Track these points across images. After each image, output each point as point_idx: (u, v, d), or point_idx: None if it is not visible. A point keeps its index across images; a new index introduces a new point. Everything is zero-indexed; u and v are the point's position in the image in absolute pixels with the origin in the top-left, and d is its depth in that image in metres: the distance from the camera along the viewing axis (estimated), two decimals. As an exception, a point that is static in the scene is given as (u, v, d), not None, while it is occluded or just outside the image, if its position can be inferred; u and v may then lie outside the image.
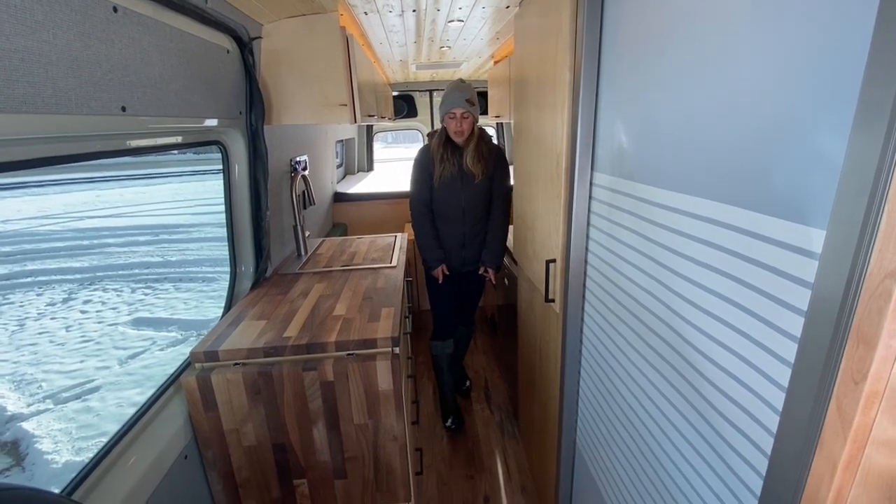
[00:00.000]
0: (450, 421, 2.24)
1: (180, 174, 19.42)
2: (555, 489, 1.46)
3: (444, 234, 2.08)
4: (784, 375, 0.51)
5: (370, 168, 4.43)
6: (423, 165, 2.01)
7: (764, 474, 0.55)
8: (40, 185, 16.33)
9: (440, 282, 2.10)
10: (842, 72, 0.42)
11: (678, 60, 0.69)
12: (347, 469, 1.25)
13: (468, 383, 2.59)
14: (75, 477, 0.88)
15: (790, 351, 0.50)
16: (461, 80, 1.94)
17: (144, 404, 1.11)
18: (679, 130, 0.70)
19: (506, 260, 2.18)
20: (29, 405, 3.85)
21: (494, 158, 2.00)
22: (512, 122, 2.17)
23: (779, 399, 0.52)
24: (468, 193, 1.99)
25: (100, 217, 11.67)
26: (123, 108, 0.88)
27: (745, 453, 0.59)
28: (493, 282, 2.18)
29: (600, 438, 1.12)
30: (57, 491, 0.84)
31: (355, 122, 1.64)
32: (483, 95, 3.65)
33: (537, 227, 1.46)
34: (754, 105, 0.54)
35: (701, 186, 0.65)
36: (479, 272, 2.14)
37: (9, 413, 3.74)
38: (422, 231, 2.07)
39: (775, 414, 0.52)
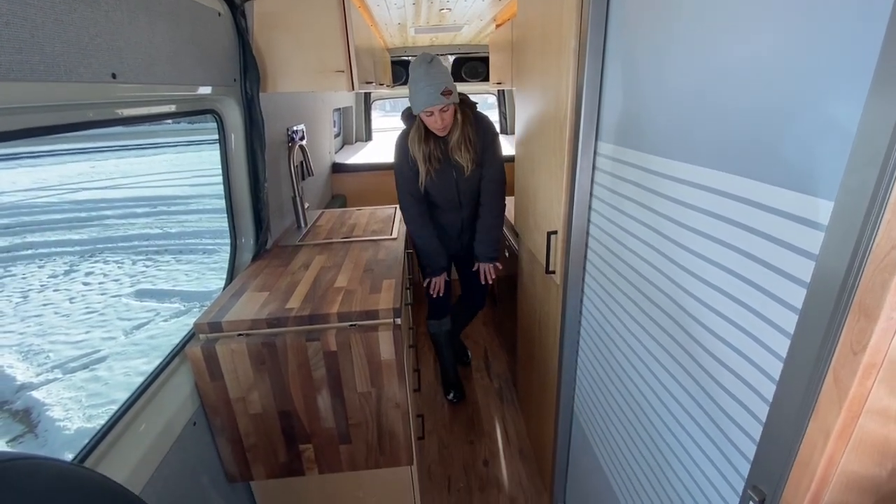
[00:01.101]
0: (451, 395, 2.26)
1: (176, 144, 19.12)
2: (552, 453, 1.51)
3: (440, 223, 1.92)
4: (783, 345, 0.51)
5: (368, 138, 4.34)
6: (407, 156, 1.74)
7: (758, 440, 0.56)
8: (34, 156, 16.13)
9: (439, 295, 1.94)
10: (859, 38, 0.41)
11: (688, 25, 0.67)
12: (351, 434, 1.29)
13: (469, 356, 2.59)
14: (87, 444, 0.91)
15: (790, 322, 0.50)
16: (428, 60, 1.57)
17: (151, 374, 1.14)
18: (687, 98, 0.68)
19: (506, 232, 2.16)
20: (38, 374, 3.93)
21: (483, 137, 1.76)
22: (514, 88, 2.10)
23: (776, 368, 0.53)
24: (463, 183, 1.80)
25: (96, 189, 11.57)
26: (114, 75, 0.85)
27: (739, 420, 0.60)
28: (491, 279, 1.93)
29: (597, 405, 1.15)
30: (70, 457, 0.86)
31: (353, 89, 1.60)
32: (484, 61, 3.55)
33: (539, 198, 1.45)
34: (766, 72, 0.52)
35: (707, 156, 0.64)
36: (473, 269, 1.96)
37: (18, 382, 3.82)
38: (421, 233, 1.82)
39: (772, 383, 0.53)
